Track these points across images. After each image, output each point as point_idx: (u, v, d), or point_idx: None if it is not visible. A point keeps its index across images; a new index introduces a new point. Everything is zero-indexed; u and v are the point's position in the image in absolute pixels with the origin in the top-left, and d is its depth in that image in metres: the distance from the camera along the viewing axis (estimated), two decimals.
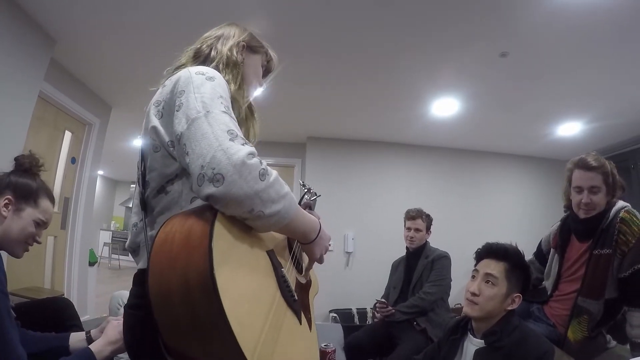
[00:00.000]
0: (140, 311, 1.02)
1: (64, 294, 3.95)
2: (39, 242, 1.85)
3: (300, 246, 1.26)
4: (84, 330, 2.34)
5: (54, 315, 2.27)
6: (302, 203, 1.84)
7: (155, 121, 1.12)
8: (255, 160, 0.92)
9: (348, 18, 3.18)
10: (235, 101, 1.21)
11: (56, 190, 4.36)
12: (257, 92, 1.53)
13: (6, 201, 1.70)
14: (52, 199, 1.88)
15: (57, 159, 4.34)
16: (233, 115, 1.04)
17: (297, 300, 1.15)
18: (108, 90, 4.77)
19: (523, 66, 3.77)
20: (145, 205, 1.14)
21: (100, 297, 5.34)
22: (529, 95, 4.42)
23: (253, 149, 0.94)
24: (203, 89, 1.05)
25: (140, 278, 1.08)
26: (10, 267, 2.23)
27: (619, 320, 2.25)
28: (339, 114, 5.34)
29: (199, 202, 1.02)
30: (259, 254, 1.00)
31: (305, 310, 1.24)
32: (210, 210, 0.88)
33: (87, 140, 4.77)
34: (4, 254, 1.70)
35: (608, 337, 2.31)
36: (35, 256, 3.95)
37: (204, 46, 1.36)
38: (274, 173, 0.96)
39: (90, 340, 1.81)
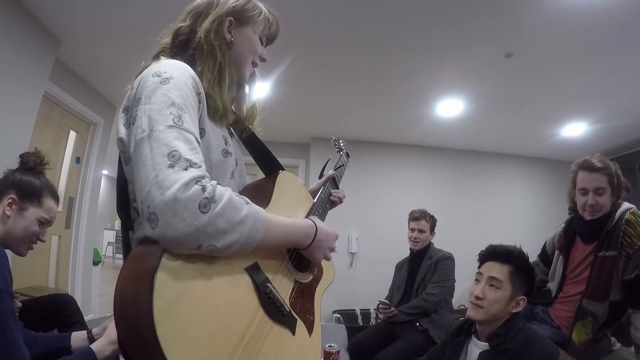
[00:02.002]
0: None
1: (67, 293, 3.96)
2: (43, 241, 1.84)
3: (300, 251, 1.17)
4: (86, 326, 2.35)
5: (56, 312, 2.28)
6: (324, 173, 1.80)
7: (122, 131, 1.00)
8: (195, 189, 0.80)
9: (353, 18, 3.17)
10: (210, 97, 1.10)
11: (61, 189, 4.36)
12: (266, 70, 1.37)
13: (10, 200, 1.69)
14: (56, 197, 1.87)
15: (62, 159, 4.35)
16: (189, 123, 0.92)
17: (289, 311, 1.08)
18: (113, 90, 4.77)
19: (528, 67, 3.76)
20: (129, 213, 1.08)
21: (104, 296, 5.33)
22: (533, 96, 4.41)
23: (196, 173, 0.82)
24: (154, 98, 0.92)
25: None
26: (15, 266, 2.24)
27: (624, 323, 2.24)
28: (344, 114, 5.35)
29: None
30: (232, 278, 0.91)
31: (305, 314, 1.19)
32: (157, 251, 0.79)
33: (91, 140, 4.78)
34: (9, 254, 1.69)
35: (613, 339, 2.29)
36: (39, 255, 3.96)
37: (184, 26, 1.20)
38: (224, 198, 0.84)
39: (92, 339, 1.79)
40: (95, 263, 5.04)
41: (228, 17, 1.19)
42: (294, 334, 1.09)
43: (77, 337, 1.84)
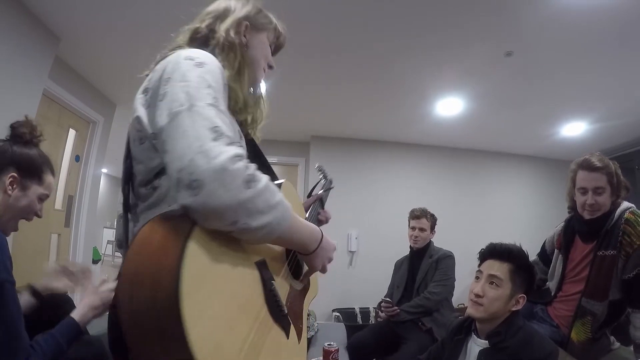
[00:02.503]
0: (114, 310, 0.94)
1: (67, 292, 3.95)
2: (39, 216, 1.77)
3: (301, 256, 1.18)
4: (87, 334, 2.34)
5: (54, 313, 2.27)
6: (312, 194, 1.79)
7: (140, 110, 1.02)
8: (241, 164, 0.82)
9: (352, 16, 3.17)
10: (231, 90, 1.14)
11: (60, 188, 4.37)
12: (268, 74, 1.41)
13: (11, 179, 1.61)
14: (53, 171, 1.80)
15: (62, 157, 4.34)
16: (223, 107, 0.94)
17: (287, 313, 1.08)
18: (112, 88, 4.76)
19: (528, 66, 3.76)
20: (129, 198, 1.06)
21: None
22: (533, 95, 4.41)
23: (239, 151, 0.84)
24: (189, 76, 0.94)
25: None
26: (14, 264, 2.23)
27: (623, 322, 2.25)
28: (343, 112, 5.34)
29: None
30: (244, 269, 0.92)
31: (296, 320, 1.19)
32: (186, 224, 0.79)
33: (91, 138, 4.77)
34: (9, 243, 1.67)
35: (612, 338, 2.30)
36: (39, 253, 3.96)
37: (203, 25, 1.25)
38: (263, 179, 0.87)
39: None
40: (95, 261, 5.06)
41: (245, 21, 1.25)
42: (287, 337, 1.08)
43: None
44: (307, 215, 1.51)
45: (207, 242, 0.79)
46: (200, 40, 1.23)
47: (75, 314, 1.62)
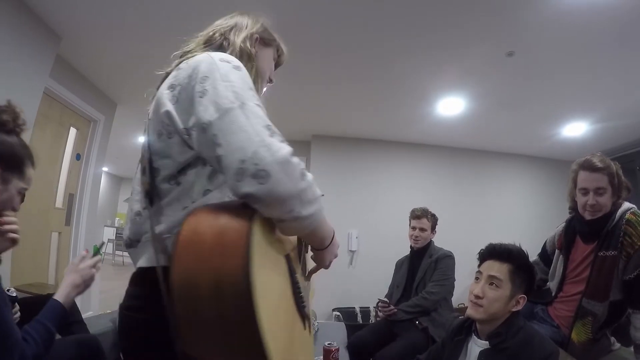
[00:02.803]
0: (140, 314, 0.97)
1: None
2: (16, 210, 1.63)
3: (312, 252, 1.22)
4: (84, 325, 2.34)
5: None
6: None
7: (169, 105, 1.03)
8: (296, 159, 0.88)
9: (353, 16, 3.17)
10: None
11: (61, 186, 4.38)
12: (268, 87, 1.46)
13: None
14: (34, 163, 1.67)
15: (62, 156, 4.35)
16: (264, 109, 0.97)
17: (305, 306, 1.12)
18: (113, 87, 4.77)
19: (529, 66, 3.76)
20: (152, 192, 1.04)
21: (104, 293, 5.34)
22: (534, 95, 4.41)
23: (290, 148, 0.90)
24: (232, 77, 0.98)
25: (142, 277, 1.01)
26: (15, 262, 2.24)
27: (624, 323, 2.25)
28: (344, 112, 5.35)
29: (212, 196, 0.99)
30: (281, 259, 0.96)
31: (307, 315, 1.23)
32: (246, 210, 0.82)
33: (92, 137, 4.78)
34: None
35: (612, 339, 2.30)
36: (39, 252, 3.96)
37: (216, 34, 1.28)
38: (309, 174, 0.92)
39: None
40: None
41: (256, 35, 1.32)
42: (304, 329, 1.12)
43: None
44: None
45: (264, 228, 0.85)
46: (214, 47, 1.26)
47: (59, 295, 1.61)
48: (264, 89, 1.41)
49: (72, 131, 4.50)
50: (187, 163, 1.01)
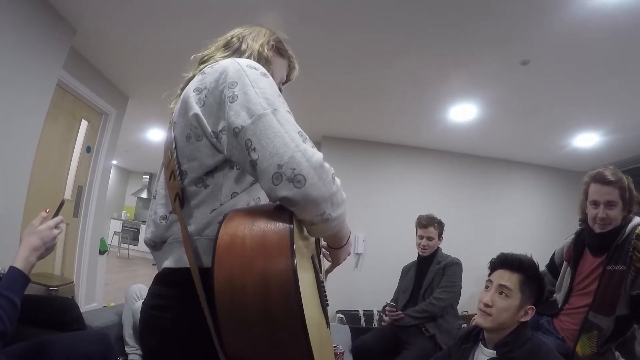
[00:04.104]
0: (167, 313, 0.97)
1: (73, 282, 3.98)
2: None
3: (329, 250, 1.26)
4: (84, 321, 2.35)
5: (58, 313, 2.27)
6: None
7: (197, 108, 1.04)
8: (327, 164, 0.91)
9: (367, 19, 3.17)
10: None
11: (70, 178, 4.39)
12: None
13: None
14: None
15: (73, 147, 4.37)
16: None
17: (327, 304, 1.15)
18: (126, 80, 4.79)
19: (543, 75, 3.74)
20: (181, 197, 1.04)
21: (108, 285, 5.38)
22: (547, 104, 4.39)
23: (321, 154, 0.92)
24: (262, 84, 1.00)
25: (169, 278, 1.02)
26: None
27: (629, 338, 2.24)
28: (355, 114, 5.34)
29: (240, 198, 1.03)
30: (308, 259, 0.98)
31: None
32: (284, 213, 0.86)
33: (102, 130, 4.80)
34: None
35: (617, 353, 2.29)
36: None
37: (234, 39, 1.31)
38: (337, 178, 0.95)
39: None
40: (102, 252, 5.08)
41: (272, 42, 1.37)
42: (327, 326, 1.14)
43: None
44: None
45: (298, 229, 0.87)
46: (232, 50, 1.29)
47: (17, 262, 1.50)
48: None
49: (84, 124, 4.52)
50: (215, 166, 1.03)
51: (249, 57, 1.24)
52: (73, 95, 4.17)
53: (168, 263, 1.02)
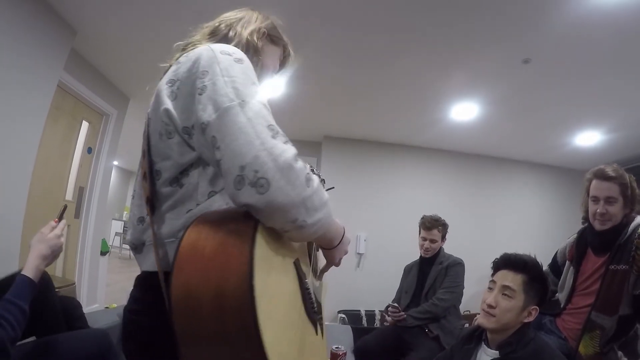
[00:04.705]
0: (143, 318, 0.95)
1: (74, 283, 3.98)
2: None
3: (321, 251, 1.18)
4: (86, 321, 2.35)
5: (64, 312, 2.28)
6: None
7: (168, 103, 0.97)
8: (301, 163, 0.83)
9: (368, 18, 3.16)
10: None
11: (71, 179, 4.39)
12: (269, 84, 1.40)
13: None
14: None
15: (74, 149, 4.36)
16: (268, 105, 0.91)
17: (316, 310, 1.10)
18: (126, 81, 4.79)
19: (545, 74, 3.74)
20: (153, 197, 1.00)
21: (110, 286, 5.38)
22: (548, 103, 4.38)
23: (295, 150, 0.84)
24: (233, 72, 0.92)
25: (145, 282, 0.98)
26: (23, 253, 2.25)
27: (631, 337, 2.23)
28: (357, 113, 5.33)
29: (217, 198, 0.94)
30: (289, 266, 0.92)
31: (320, 317, 1.21)
32: (248, 221, 0.78)
33: (103, 131, 4.79)
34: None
35: (619, 353, 2.28)
36: None
37: (222, 25, 1.23)
38: (315, 178, 0.86)
39: None
40: (103, 253, 5.07)
41: (263, 29, 1.26)
42: (316, 334, 1.09)
43: None
44: None
45: (268, 238, 0.80)
46: (219, 37, 1.20)
47: (27, 270, 1.54)
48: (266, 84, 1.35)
49: (85, 125, 4.51)
50: (189, 164, 0.97)
51: (236, 46, 1.13)
52: (74, 96, 4.16)
53: (145, 267, 0.99)
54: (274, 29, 1.33)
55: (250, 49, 1.18)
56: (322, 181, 2.02)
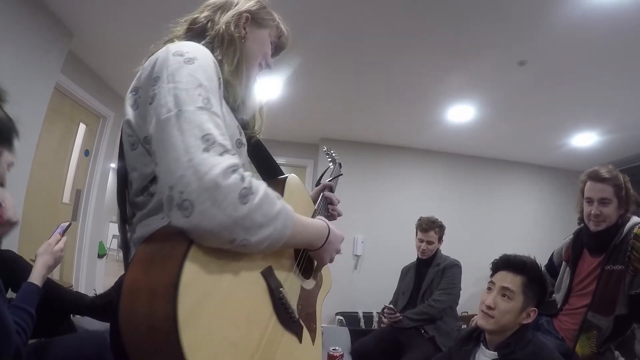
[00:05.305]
0: (114, 320, 0.90)
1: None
2: (3, 186, 1.58)
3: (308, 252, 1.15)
4: (75, 331, 2.35)
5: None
6: (320, 182, 1.75)
7: (129, 113, 0.95)
8: (235, 177, 0.75)
9: (364, 21, 3.17)
10: (230, 85, 1.07)
11: (68, 181, 4.39)
12: (265, 74, 1.34)
13: None
14: (19, 135, 1.59)
15: (71, 151, 4.36)
16: (217, 108, 0.86)
17: (298, 318, 1.06)
18: (124, 83, 4.76)
19: (541, 75, 3.75)
20: (126, 211, 1.00)
21: (107, 288, 5.35)
22: (545, 104, 4.40)
23: (233, 160, 0.77)
24: (178, 76, 0.86)
25: (118, 284, 0.92)
26: (21, 254, 2.24)
27: (628, 337, 2.24)
28: (353, 116, 5.34)
29: None
30: (249, 282, 0.87)
31: (309, 321, 1.17)
32: (181, 244, 0.73)
33: (101, 133, 4.79)
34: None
35: (616, 353, 2.29)
36: None
37: (202, 15, 1.17)
38: (260, 190, 0.80)
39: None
40: (100, 256, 5.06)
41: (245, 14, 1.18)
42: (300, 342, 1.07)
43: None
44: (316, 206, 1.48)
45: (205, 263, 0.75)
46: (197, 31, 1.16)
47: (35, 278, 1.63)
48: (255, 75, 1.27)
49: (82, 127, 4.52)
50: (154, 175, 0.93)
51: (210, 43, 1.11)
52: (71, 98, 4.16)
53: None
54: (262, 10, 1.24)
55: (226, 45, 1.12)
56: (339, 165, 2.00)
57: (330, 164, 2.06)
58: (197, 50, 0.95)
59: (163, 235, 0.78)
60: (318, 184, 1.77)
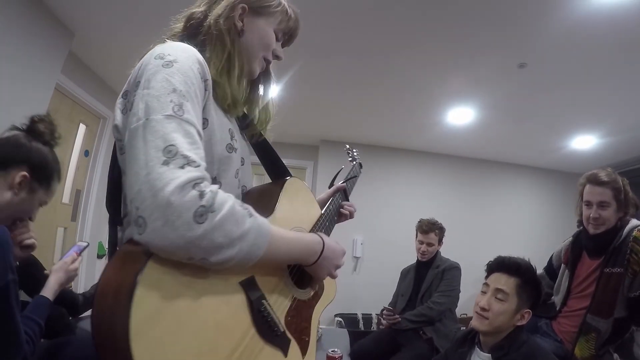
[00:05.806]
0: None
1: (71, 286, 3.96)
2: (32, 220, 1.64)
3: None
4: (74, 334, 2.35)
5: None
6: (334, 183, 1.74)
7: (117, 118, 0.91)
8: (192, 195, 0.71)
9: (364, 23, 3.17)
10: (218, 85, 1.01)
11: (68, 182, 4.38)
12: (277, 63, 1.27)
13: (22, 178, 1.43)
14: (60, 178, 1.65)
15: (71, 151, 4.36)
16: (191, 114, 0.82)
17: (283, 331, 1.01)
18: (124, 84, 4.75)
19: (540, 78, 3.76)
20: (120, 213, 0.97)
21: None
22: (544, 107, 4.40)
23: (194, 174, 0.73)
24: (153, 81, 0.82)
25: None
26: None
27: (627, 340, 2.23)
28: (354, 117, 5.34)
29: None
30: (222, 294, 0.84)
31: (300, 334, 1.11)
32: (142, 256, 0.71)
33: (101, 134, 4.79)
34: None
35: (615, 355, 2.28)
36: (44, 247, 3.97)
37: (198, 11, 1.11)
38: (224, 208, 0.75)
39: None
40: (100, 256, 5.05)
41: (241, 4, 1.10)
42: (285, 356, 1.02)
43: None
44: (323, 211, 1.39)
45: (167, 276, 0.72)
46: (193, 27, 1.10)
47: (48, 293, 1.66)
48: (257, 69, 1.19)
49: (82, 127, 4.51)
50: None
51: (204, 36, 1.07)
52: (71, 99, 4.16)
53: None
54: None
55: (214, 38, 1.06)
56: (359, 165, 1.96)
57: (351, 163, 2.04)
58: (180, 52, 0.91)
59: (132, 243, 0.76)
60: (331, 185, 1.74)
